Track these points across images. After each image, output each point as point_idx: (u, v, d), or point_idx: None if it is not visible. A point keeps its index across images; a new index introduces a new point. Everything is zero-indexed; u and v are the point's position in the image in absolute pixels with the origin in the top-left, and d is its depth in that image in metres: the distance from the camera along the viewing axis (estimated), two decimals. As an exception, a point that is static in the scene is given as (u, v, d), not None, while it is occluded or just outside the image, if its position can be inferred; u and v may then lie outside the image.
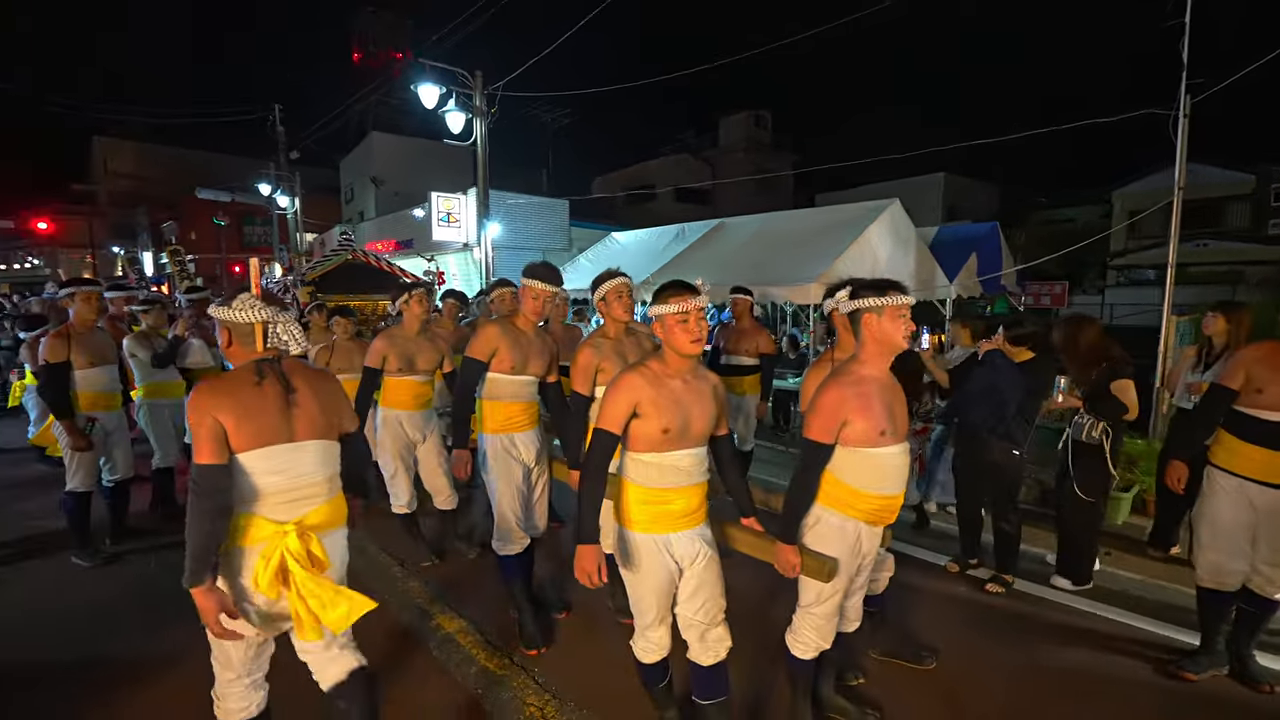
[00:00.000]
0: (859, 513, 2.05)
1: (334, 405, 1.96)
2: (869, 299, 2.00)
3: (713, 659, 2.06)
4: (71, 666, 2.72)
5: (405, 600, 3.33)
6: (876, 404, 1.98)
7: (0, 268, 39.91)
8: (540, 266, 2.98)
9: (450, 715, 2.44)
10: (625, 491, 2.00)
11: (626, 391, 1.92)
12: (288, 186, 20.57)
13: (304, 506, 1.83)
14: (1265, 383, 2.52)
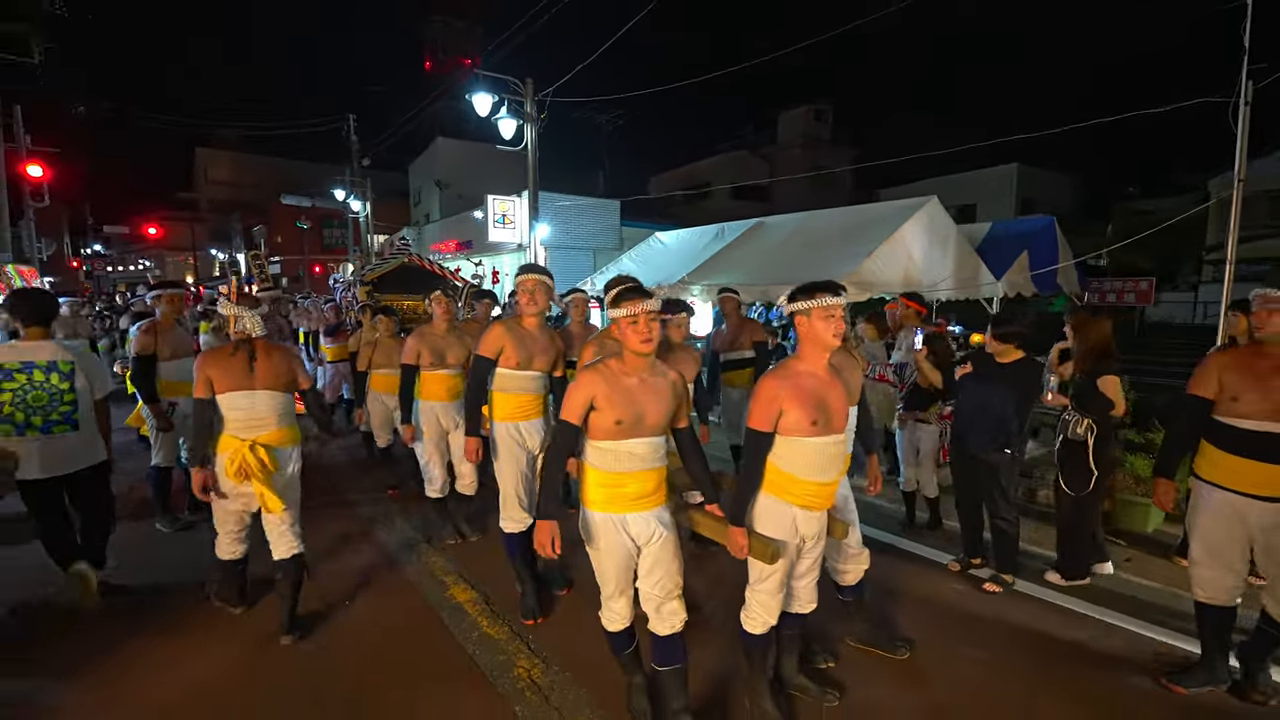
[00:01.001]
0: (794, 498, 2.21)
1: (286, 369, 3.01)
2: (799, 302, 2.16)
3: (668, 630, 2.27)
4: (152, 604, 3.21)
5: (426, 572, 3.69)
6: (809, 396, 2.13)
7: (119, 269, 44.10)
8: (527, 265, 3.26)
9: (450, 674, 2.74)
10: (585, 475, 2.23)
11: (583, 388, 2.15)
12: (360, 192, 21.88)
13: (258, 430, 2.91)
14: (1239, 390, 2.46)
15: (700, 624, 3.03)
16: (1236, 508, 2.49)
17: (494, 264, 17.06)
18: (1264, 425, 2.41)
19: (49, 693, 2.57)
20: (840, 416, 2.21)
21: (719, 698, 2.57)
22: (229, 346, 2.94)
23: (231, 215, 41.01)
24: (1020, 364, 3.41)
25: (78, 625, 3.09)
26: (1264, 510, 2.43)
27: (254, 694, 2.58)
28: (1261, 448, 2.42)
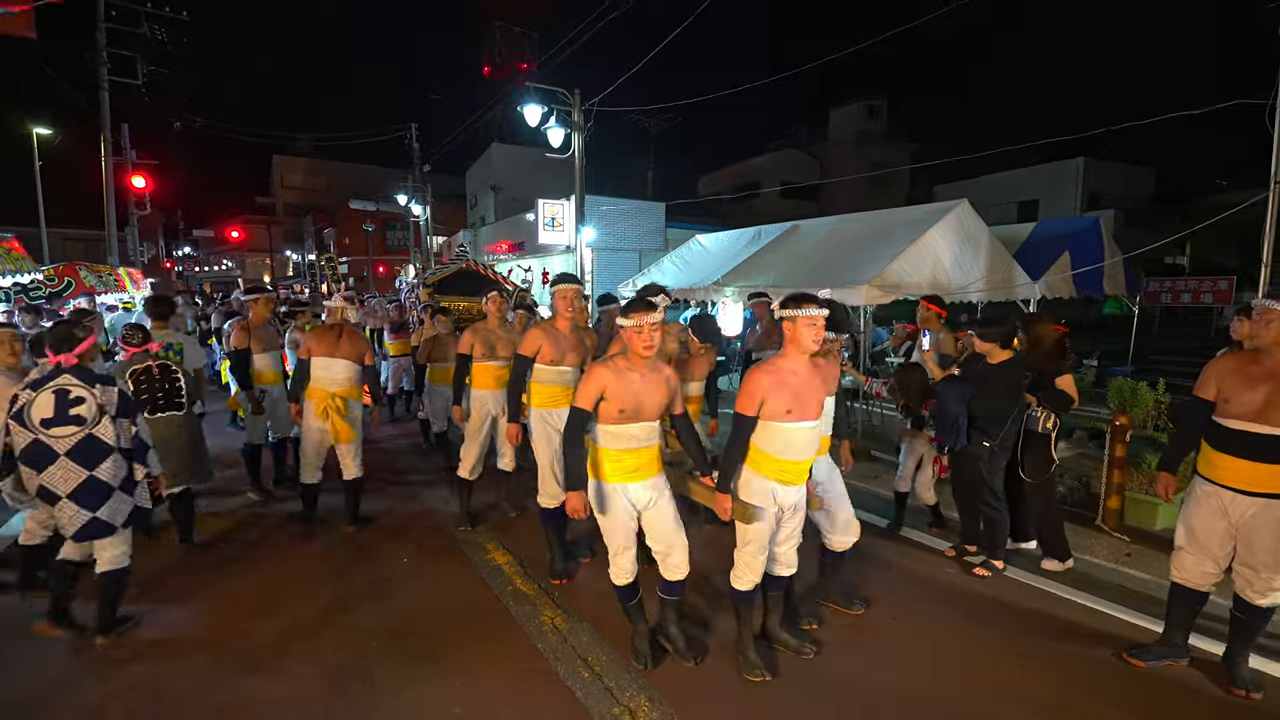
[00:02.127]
0: (771, 473, 2.61)
1: (358, 346, 4.34)
2: (789, 310, 2.55)
3: (672, 577, 2.76)
4: (240, 553, 3.89)
5: (471, 539, 4.26)
6: (788, 389, 2.52)
7: (205, 269, 47.54)
8: (564, 274, 3.78)
9: (487, 620, 3.27)
10: (594, 453, 2.70)
11: (595, 380, 2.61)
12: (421, 196, 23.11)
13: (337, 386, 4.24)
14: (1231, 393, 2.65)
15: (707, 590, 3.46)
16: (1222, 501, 2.68)
17: (544, 265, 17.85)
18: (1248, 425, 2.59)
19: (171, 612, 3.24)
20: (815, 407, 2.60)
21: (715, 646, 2.98)
22: (328, 325, 4.31)
23: (304, 218, 43.65)
24: (1008, 364, 3.67)
25: (188, 562, 3.79)
26: (1245, 504, 2.62)
27: (329, 627, 3.17)
28: (1244, 446, 2.61)
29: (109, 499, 2.90)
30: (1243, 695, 2.65)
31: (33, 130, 19.92)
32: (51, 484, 2.82)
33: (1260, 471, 2.57)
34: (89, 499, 2.85)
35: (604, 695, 2.62)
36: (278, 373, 5.21)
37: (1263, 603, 2.65)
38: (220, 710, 2.53)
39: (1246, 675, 2.71)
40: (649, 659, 2.80)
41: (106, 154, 17.20)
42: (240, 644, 2.99)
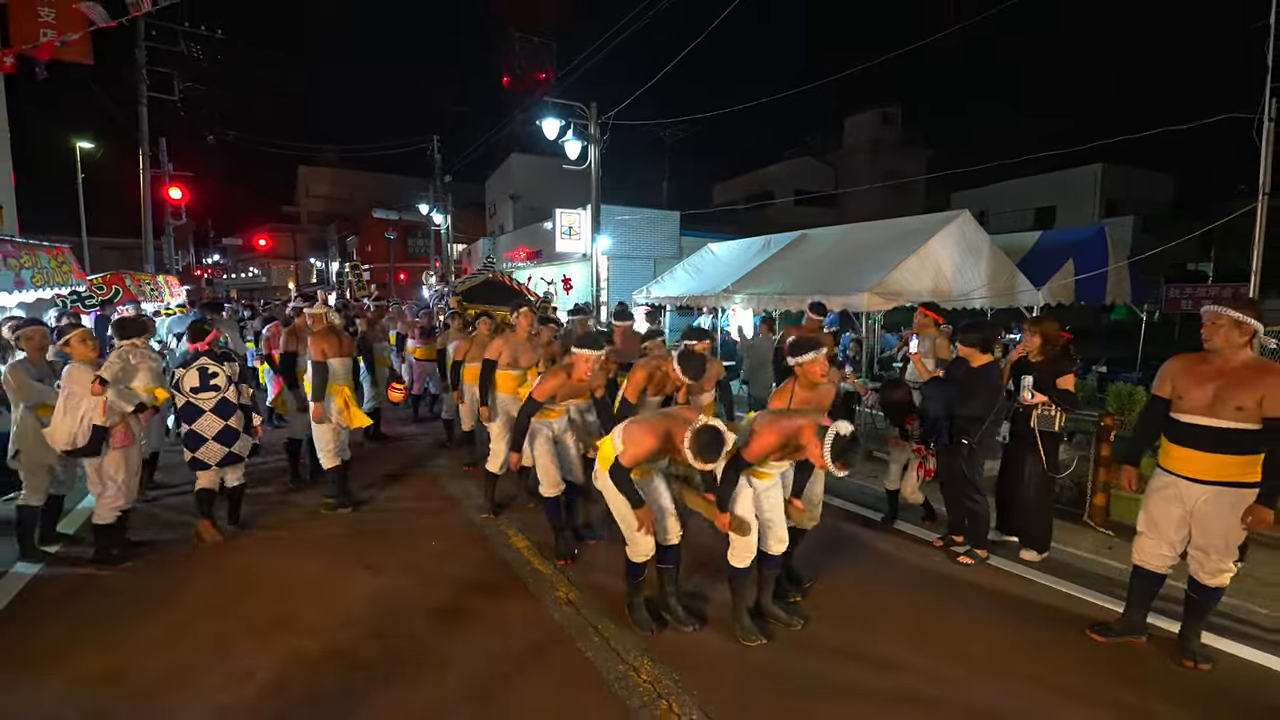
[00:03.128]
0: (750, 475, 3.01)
1: (350, 345, 4.93)
2: (798, 357, 3.04)
3: (668, 541, 3.15)
4: (277, 535, 4.29)
5: (494, 527, 4.62)
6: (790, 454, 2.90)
7: (233, 276, 48.86)
8: (585, 338, 3.86)
9: (508, 590, 3.62)
10: None
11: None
12: (441, 205, 23.74)
13: (347, 381, 4.88)
14: (1184, 390, 2.91)
15: (704, 572, 3.79)
16: (1178, 489, 2.93)
17: (564, 272, 18.30)
18: (1198, 419, 2.85)
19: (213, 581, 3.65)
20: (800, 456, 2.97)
21: (713, 616, 3.30)
22: (327, 329, 4.89)
23: (328, 226, 44.72)
24: (987, 367, 3.94)
25: (238, 546, 4.20)
26: (1198, 491, 2.87)
27: (366, 603, 3.54)
28: (1195, 438, 2.86)
29: (237, 439, 4.30)
30: (1192, 666, 2.91)
31: (75, 144, 20.86)
32: (201, 430, 4.18)
33: (1210, 461, 2.83)
34: (225, 439, 4.24)
35: (611, 656, 2.95)
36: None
37: (1213, 583, 2.91)
38: (284, 620, 2.90)
39: (1197, 649, 2.96)
40: (650, 626, 3.13)
41: (144, 166, 18.02)
42: (287, 605, 3.38)
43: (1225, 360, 2.83)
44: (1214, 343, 2.86)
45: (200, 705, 2.62)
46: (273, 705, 2.62)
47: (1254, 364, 2.80)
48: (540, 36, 58.11)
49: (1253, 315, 2.76)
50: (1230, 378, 2.77)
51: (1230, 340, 2.80)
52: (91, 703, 2.64)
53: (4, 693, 2.71)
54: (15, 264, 6.19)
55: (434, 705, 2.61)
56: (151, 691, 2.70)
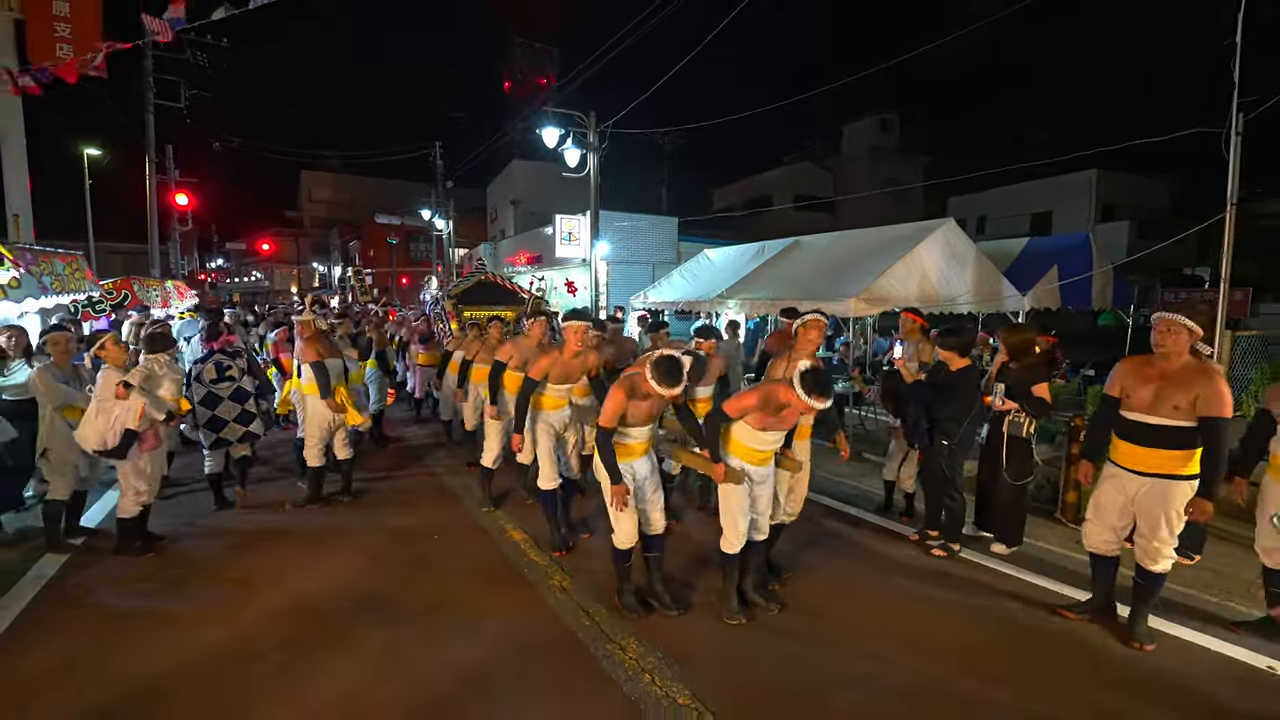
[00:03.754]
0: (745, 458, 3.23)
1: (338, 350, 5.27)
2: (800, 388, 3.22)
3: (654, 532, 3.39)
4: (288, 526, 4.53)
5: (492, 521, 4.86)
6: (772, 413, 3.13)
7: (235, 280, 49.18)
8: (574, 311, 4.28)
9: (506, 579, 3.86)
10: None
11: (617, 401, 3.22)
12: (443, 211, 24.04)
13: (341, 380, 5.14)
14: (1130, 390, 3.17)
15: (699, 558, 4.03)
16: (1122, 480, 3.20)
17: (565, 276, 18.57)
18: (1141, 416, 3.11)
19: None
20: (788, 423, 3.19)
21: (698, 602, 3.54)
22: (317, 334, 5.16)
23: (330, 231, 45.07)
24: (965, 370, 4.17)
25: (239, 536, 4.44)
26: (1139, 482, 3.13)
27: (371, 590, 3.77)
28: (1138, 433, 3.13)
29: (254, 420, 5.04)
30: (1139, 648, 3.14)
31: (83, 150, 21.17)
32: (222, 415, 4.90)
33: (1150, 455, 3.09)
34: (243, 420, 4.98)
35: (601, 636, 3.19)
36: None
37: (1155, 568, 3.14)
38: (297, 603, 3.14)
39: (1144, 631, 3.19)
40: (638, 610, 3.37)
41: (150, 173, 18.32)
42: (307, 580, 3.62)
43: (1168, 363, 3.08)
44: (1165, 346, 3.10)
45: (209, 677, 2.86)
46: (285, 677, 2.86)
47: (1192, 366, 3.04)
48: (542, 42, 58.11)
49: (1196, 322, 3.02)
50: (1170, 379, 3.02)
51: (1178, 344, 3.05)
52: (133, 670, 2.88)
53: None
54: (36, 271, 6.46)
55: (433, 679, 2.85)
56: (186, 646, 2.94)
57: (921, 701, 2.73)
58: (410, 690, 2.79)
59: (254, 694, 2.76)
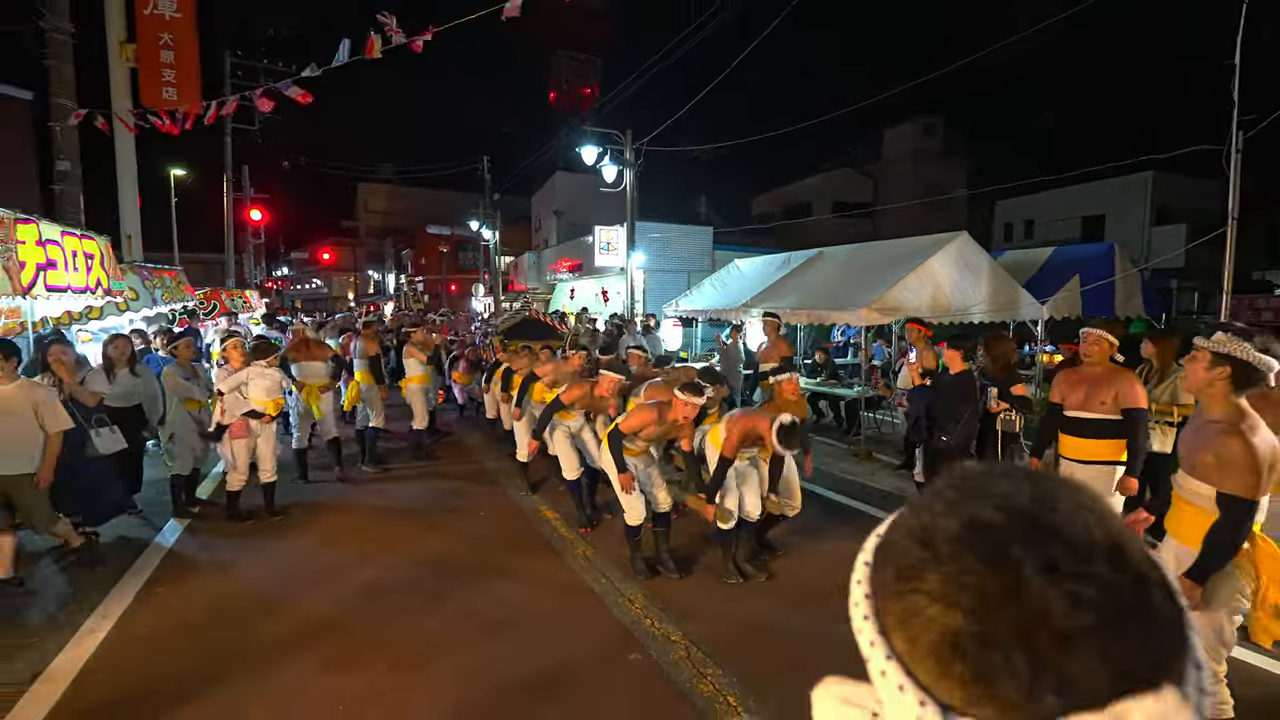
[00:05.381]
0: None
1: (325, 352, 6.18)
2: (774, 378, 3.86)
3: (660, 509, 4.05)
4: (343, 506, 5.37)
5: (528, 503, 5.61)
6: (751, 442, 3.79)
7: (297, 287, 52.07)
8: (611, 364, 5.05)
9: (539, 548, 4.58)
10: None
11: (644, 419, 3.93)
12: (490, 222, 25.26)
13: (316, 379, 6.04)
14: (1067, 393, 3.72)
15: (700, 536, 4.67)
16: (1068, 468, 3.70)
17: (602, 284, 19.41)
18: (1076, 413, 3.64)
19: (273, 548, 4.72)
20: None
21: (697, 570, 4.17)
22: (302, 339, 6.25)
23: (385, 240, 47.31)
24: (963, 374, 4.66)
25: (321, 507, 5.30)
26: (1075, 468, 3.65)
27: (431, 551, 4.55)
28: (1076, 427, 3.66)
29: None
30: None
31: (170, 171, 23.26)
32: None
33: (1086, 444, 3.64)
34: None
35: (614, 592, 3.87)
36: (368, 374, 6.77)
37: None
38: (370, 558, 3.93)
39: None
40: (645, 573, 4.03)
41: (228, 192, 20.06)
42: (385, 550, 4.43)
43: (1093, 369, 3.61)
44: (1090, 355, 3.63)
45: (314, 603, 3.66)
46: (368, 609, 3.63)
47: (1111, 369, 3.61)
48: (585, 54, 59.30)
49: (1113, 335, 3.56)
50: (1095, 380, 3.57)
51: (1100, 352, 3.57)
52: (262, 586, 3.71)
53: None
54: (149, 285, 7.59)
55: (478, 617, 3.57)
56: (286, 591, 3.76)
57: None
58: (466, 619, 3.54)
59: (345, 616, 3.55)
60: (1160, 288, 24.84)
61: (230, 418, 4.85)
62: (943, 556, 0.41)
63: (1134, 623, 0.37)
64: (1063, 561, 0.38)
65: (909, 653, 0.42)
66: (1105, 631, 0.36)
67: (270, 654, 3.23)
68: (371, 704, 2.84)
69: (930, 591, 0.41)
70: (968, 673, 0.39)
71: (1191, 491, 2.28)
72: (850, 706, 0.49)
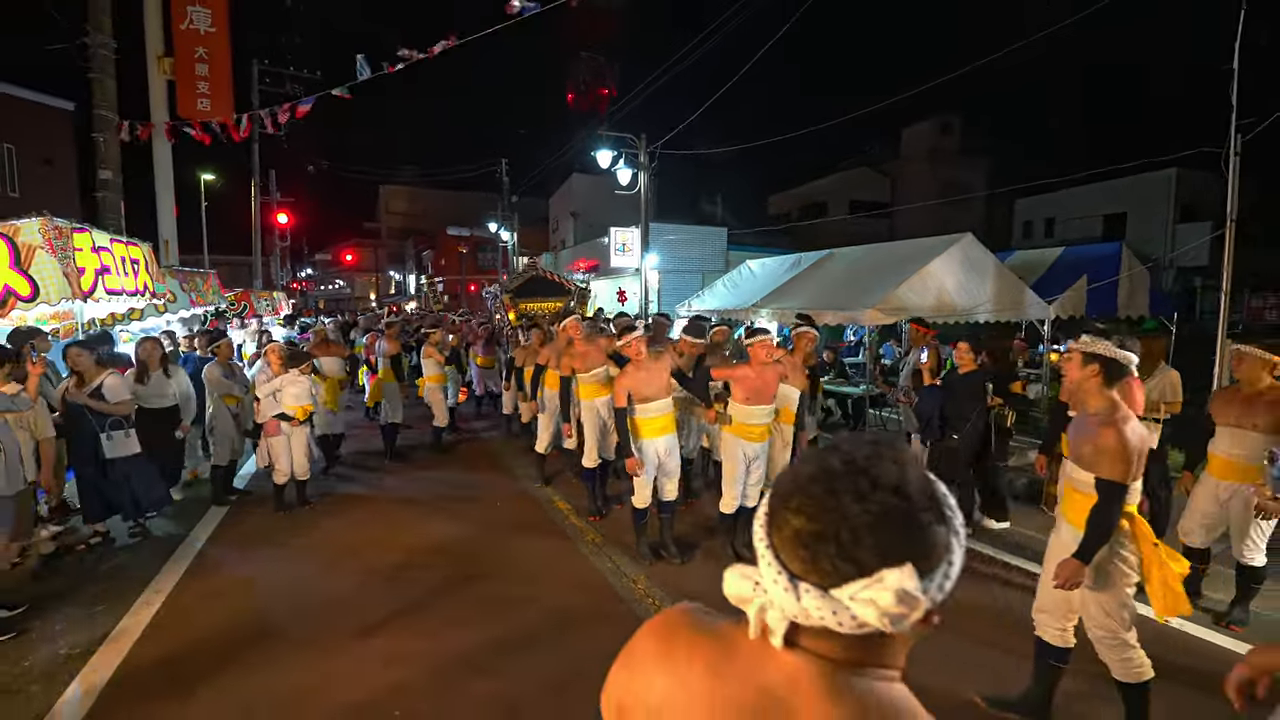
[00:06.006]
0: (739, 433, 4.11)
1: (342, 351, 7.28)
2: (749, 339, 4.07)
3: (669, 498, 4.33)
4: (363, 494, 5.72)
5: (543, 493, 5.92)
6: (752, 386, 4.03)
7: (321, 288, 53.16)
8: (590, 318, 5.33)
9: (551, 534, 4.89)
10: (635, 424, 4.26)
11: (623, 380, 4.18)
12: (508, 223, 25.73)
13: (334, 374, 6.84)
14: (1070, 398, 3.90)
15: (704, 527, 4.93)
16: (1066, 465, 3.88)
17: (619, 284, 19.72)
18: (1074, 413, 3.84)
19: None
20: (765, 396, 4.06)
21: (698, 556, 4.44)
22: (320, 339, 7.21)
23: (406, 241, 48.15)
24: (973, 374, 4.85)
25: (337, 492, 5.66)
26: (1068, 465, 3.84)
27: (451, 536, 4.87)
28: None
29: None
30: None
31: (200, 176, 24.05)
32: None
33: None
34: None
35: (620, 574, 4.16)
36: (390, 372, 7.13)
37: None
38: (393, 543, 4.26)
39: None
40: (650, 557, 4.31)
41: (255, 196, 20.72)
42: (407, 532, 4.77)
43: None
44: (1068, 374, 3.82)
45: (347, 578, 4.00)
46: (392, 586, 3.97)
47: None
48: (603, 55, 59.63)
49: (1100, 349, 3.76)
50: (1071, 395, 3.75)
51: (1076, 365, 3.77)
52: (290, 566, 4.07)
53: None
54: (186, 288, 8.04)
55: (494, 592, 3.89)
56: (321, 569, 4.11)
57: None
58: (481, 596, 3.86)
59: (372, 592, 3.88)
60: (1186, 287, 24.43)
61: (263, 418, 5.22)
62: (801, 487, 0.69)
63: (897, 528, 0.64)
64: (864, 491, 0.65)
65: (778, 544, 0.69)
66: (879, 530, 0.64)
67: (303, 621, 3.58)
68: (395, 665, 3.16)
69: (791, 506, 0.68)
70: (805, 553, 0.66)
71: (1077, 479, 2.55)
72: (745, 578, 0.75)
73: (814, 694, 0.68)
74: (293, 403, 5.33)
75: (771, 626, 0.69)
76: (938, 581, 0.65)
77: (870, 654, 0.69)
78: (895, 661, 0.71)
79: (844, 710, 0.66)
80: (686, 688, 0.76)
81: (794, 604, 0.66)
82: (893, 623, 0.62)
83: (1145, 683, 2.48)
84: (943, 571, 0.66)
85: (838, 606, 0.64)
